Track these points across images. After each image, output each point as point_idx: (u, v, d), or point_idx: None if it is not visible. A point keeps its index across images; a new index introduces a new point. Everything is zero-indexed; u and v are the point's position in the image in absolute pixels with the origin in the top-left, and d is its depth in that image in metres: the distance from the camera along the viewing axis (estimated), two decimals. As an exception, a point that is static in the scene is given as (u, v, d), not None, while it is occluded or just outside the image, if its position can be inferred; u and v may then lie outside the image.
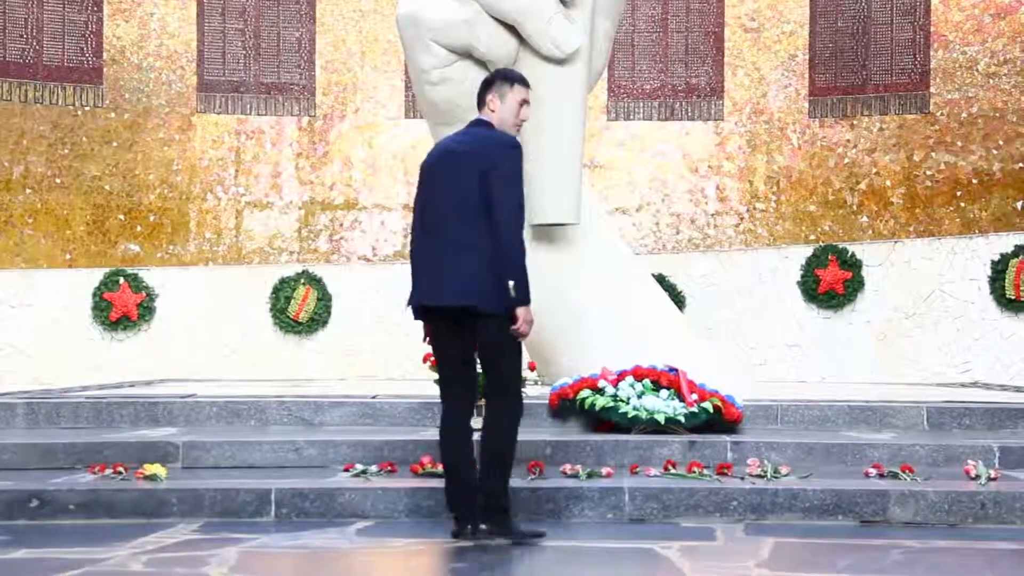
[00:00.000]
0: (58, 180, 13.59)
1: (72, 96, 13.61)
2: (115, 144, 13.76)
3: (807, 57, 13.96)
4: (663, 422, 7.06)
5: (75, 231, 13.60)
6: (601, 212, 8.93)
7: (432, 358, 5.86)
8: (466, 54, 7.83)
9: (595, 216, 8.48)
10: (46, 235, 13.50)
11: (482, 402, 5.44)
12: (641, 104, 14.16)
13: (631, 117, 14.16)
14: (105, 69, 13.71)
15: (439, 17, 7.76)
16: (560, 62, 8.03)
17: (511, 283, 5.23)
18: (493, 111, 5.52)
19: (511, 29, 7.99)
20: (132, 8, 13.84)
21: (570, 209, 7.93)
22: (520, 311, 5.25)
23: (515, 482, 5.71)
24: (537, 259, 7.08)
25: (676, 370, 7.39)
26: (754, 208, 14.00)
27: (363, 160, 14.11)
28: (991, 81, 13.44)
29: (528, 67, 8.07)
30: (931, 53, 13.62)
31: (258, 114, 14.01)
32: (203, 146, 13.96)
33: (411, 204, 10.17)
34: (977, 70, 13.49)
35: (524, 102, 5.50)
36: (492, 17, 7.89)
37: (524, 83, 5.53)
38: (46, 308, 12.52)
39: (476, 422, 5.44)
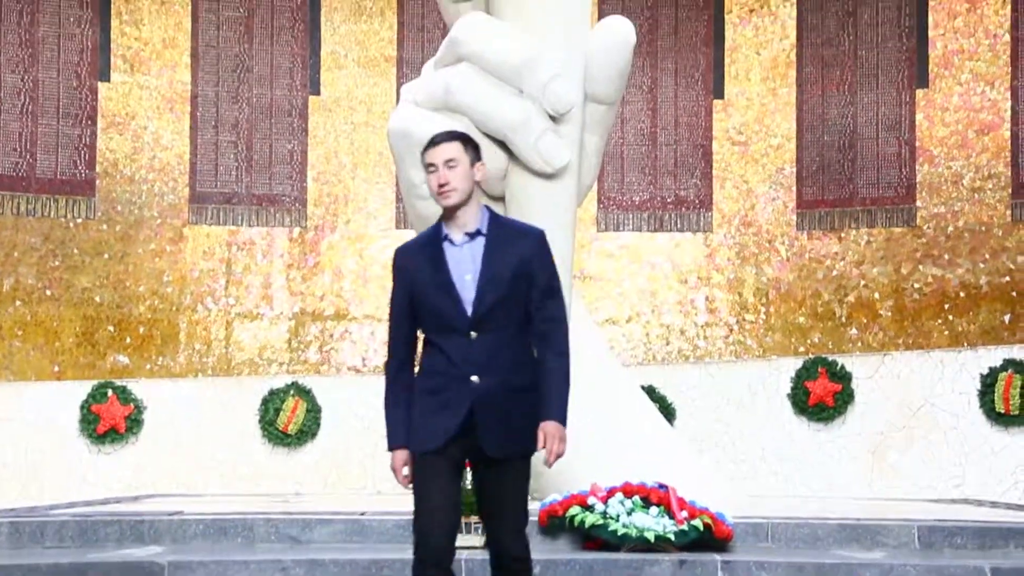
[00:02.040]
0: (48, 292, 13.60)
1: (64, 208, 13.68)
2: (106, 256, 13.79)
3: (795, 170, 14.08)
4: (653, 540, 7.01)
5: (64, 343, 13.58)
6: (590, 324, 8.94)
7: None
8: (456, 169, 7.88)
9: (584, 328, 8.49)
10: (35, 347, 13.48)
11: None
12: (630, 215, 14.25)
13: (620, 228, 14.23)
14: (98, 181, 13.80)
15: (430, 131, 7.83)
16: (549, 177, 8.09)
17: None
18: None
19: (501, 144, 8.06)
20: (126, 121, 13.96)
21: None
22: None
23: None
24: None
25: (666, 487, 7.35)
26: (743, 320, 14.03)
27: (353, 271, 14.16)
28: (976, 195, 13.56)
29: (518, 182, 8.14)
30: (917, 167, 13.75)
31: (249, 225, 14.07)
32: (194, 257, 14.00)
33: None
34: (962, 184, 13.61)
35: (429, 168, 4.41)
36: (482, 132, 7.96)
37: (430, 143, 4.43)
38: (33, 421, 12.45)
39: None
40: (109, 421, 12.43)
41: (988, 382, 11.76)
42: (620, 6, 13.96)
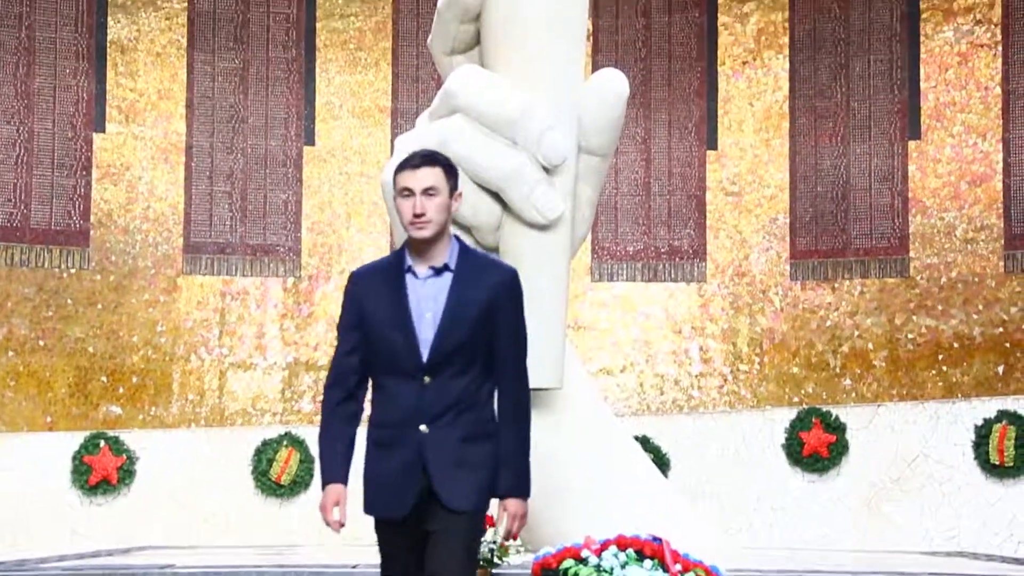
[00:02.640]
0: (41, 342, 13.57)
1: (58, 259, 13.67)
2: (100, 306, 13.78)
3: (788, 221, 14.11)
4: (647, 593, 6.97)
5: (56, 393, 13.54)
6: (584, 374, 8.92)
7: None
8: (451, 219, 7.88)
9: (578, 379, 8.47)
10: (27, 398, 13.43)
11: None
12: (624, 266, 14.26)
13: (615, 278, 14.25)
14: (92, 232, 13.80)
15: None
16: (543, 228, 8.10)
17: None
18: None
19: (495, 195, 8.07)
20: (120, 172, 13.98)
21: (553, 374, 7.93)
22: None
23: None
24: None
25: (660, 539, 7.32)
26: (737, 370, 14.02)
27: (347, 321, 14.14)
28: (969, 247, 13.59)
29: (512, 233, 8.14)
30: (910, 218, 13.79)
31: (243, 275, 14.07)
32: (188, 307, 13.98)
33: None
34: (955, 236, 13.65)
35: (403, 192, 3.89)
36: (476, 184, 7.98)
37: (407, 163, 3.92)
38: (25, 472, 12.39)
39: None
40: (101, 472, 12.37)
41: (982, 433, 11.74)
42: (614, 58, 14.04)
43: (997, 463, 11.65)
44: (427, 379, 3.85)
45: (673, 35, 14.39)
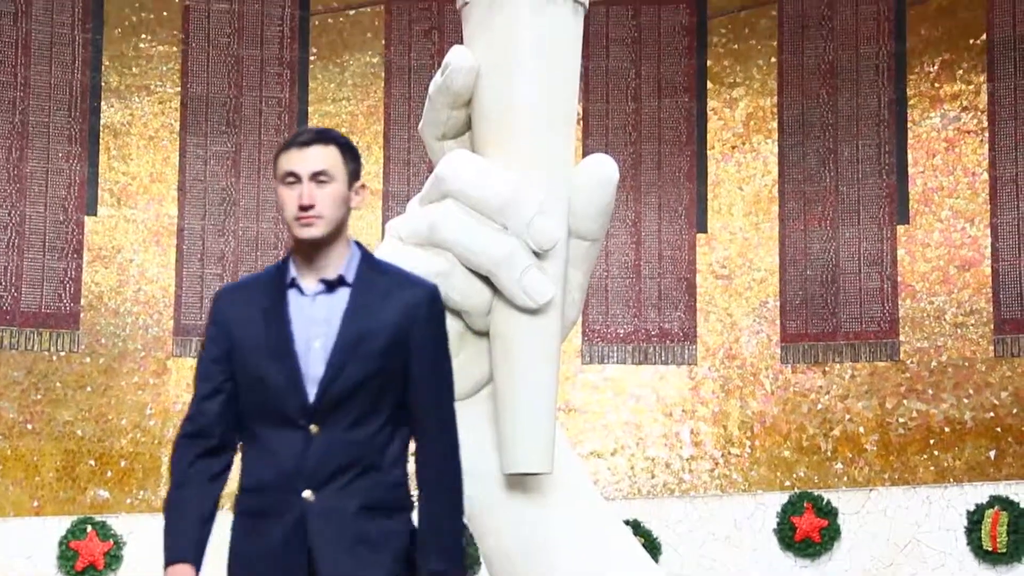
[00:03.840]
0: (29, 426, 13.50)
1: (48, 341, 13.64)
2: (89, 389, 13.73)
3: (778, 304, 14.14)
4: None
5: (44, 477, 13.45)
6: (574, 458, 8.88)
7: None
8: (441, 304, 7.87)
9: (567, 462, 8.43)
10: (14, 482, 13.34)
11: None
12: (615, 348, 14.26)
13: (605, 361, 14.23)
14: (82, 314, 13.79)
15: (415, 268, 7.83)
16: (534, 312, 8.09)
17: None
18: None
19: (485, 279, 8.08)
20: (112, 255, 13.99)
21: (544, 458, 7.88)
22: None
23: None
24: (508, 508, 7.00)
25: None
26: (729, 453, 13.97)
27: (338, 404, 14.11)
28: (959, 331, 13.62)
29: (502, 317, 8.14)
30: (899, 302, 13.82)
31: (233, 358, 14.03)
32: (177, 390, 13.93)
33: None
34: (945, 320, 13.67)
35: (287, 178, 3.02)
36: (466, 268, 7.98)
37: (292, 142, 3.07)
38: (11, 558, 12.28)
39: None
40: (88, 557, 12.26)
41: (975, 519, 11.69)
42: (604, 141, 14.13)
43: (990, 549, 11.59)
44: (314, 428, 2.94)
45: (663, 119, 14.50)
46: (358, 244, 3.17)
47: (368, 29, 14.58)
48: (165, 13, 14.30)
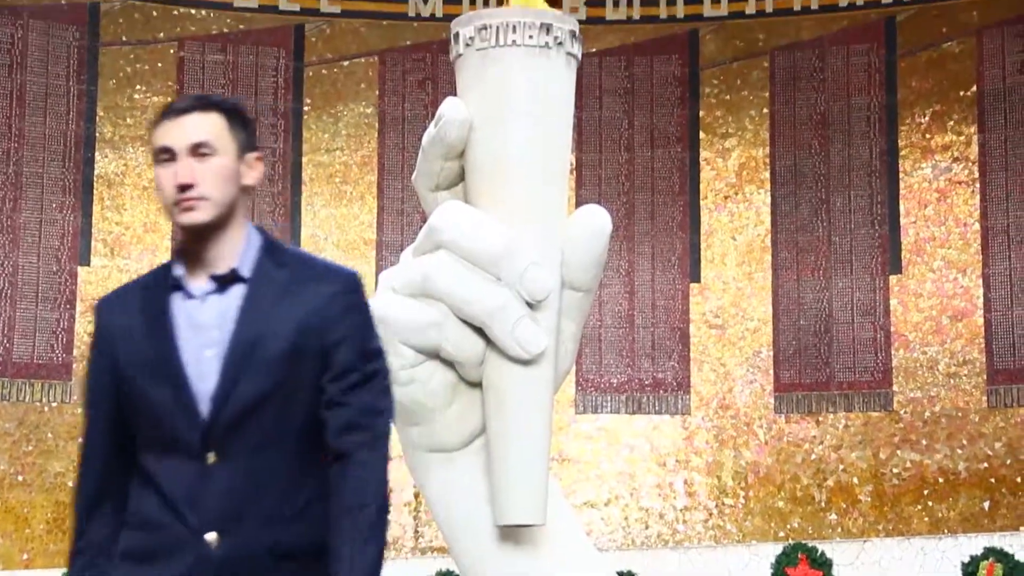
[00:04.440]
0: (20, 478, 13.44)
1: (40, 392, 13.60)
2: (80, 440, 13.66)
3: (771, 354, 14.14)
4: None
5: (35, 530, 13.36)
6: (567, 508, 8.85)
7: None
8: (434, 354, 7.87)
9: (561, 514, 8.39)
10: (4, 535, 13.26)
11: None
12: (608, 398, 14.24)
13: (599, 411, 14.21)
14: (74, 365, 13.75)
15: (408, 318, 7.80)
16: (527, 363, 8.08)
17: None
18: None
19: (478, 330, 8.07)
20: (104, 304, 13.97)
21: (537, 510, 7.85)
22: None
23: None
24: (500, 559, 6.96)
25: None
26: (723, 504, 13.93)
27: (330, 454, 14.05)
28: (952, 381, 13.62)
29: (495, 368, 8.12)
30: (892, 352, 13.83)
31: (226, 408, 14.00)
32: (169, 441, 13.88)
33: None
34: (938, 370, 13.67)
35: (161, 155, 2.50)
36: (459, 318, 7.98)
37: (167, 112, 2.53)
38: (0, 610, 12.21)
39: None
40: (78, 609, 12.17)
41: (969, 571, 11.64)
42: (597, 191, 14.16)
43: (986, 600, 11.55)
44: (212, 458, 2.43)
45: (656, 169, 14.55)
46: (260, 230, 2.61)
47: (362, 80, 14.64)
48: (160, 64, 14.36)
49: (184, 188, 2.44)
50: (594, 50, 14.12)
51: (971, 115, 13.91)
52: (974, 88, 13.92)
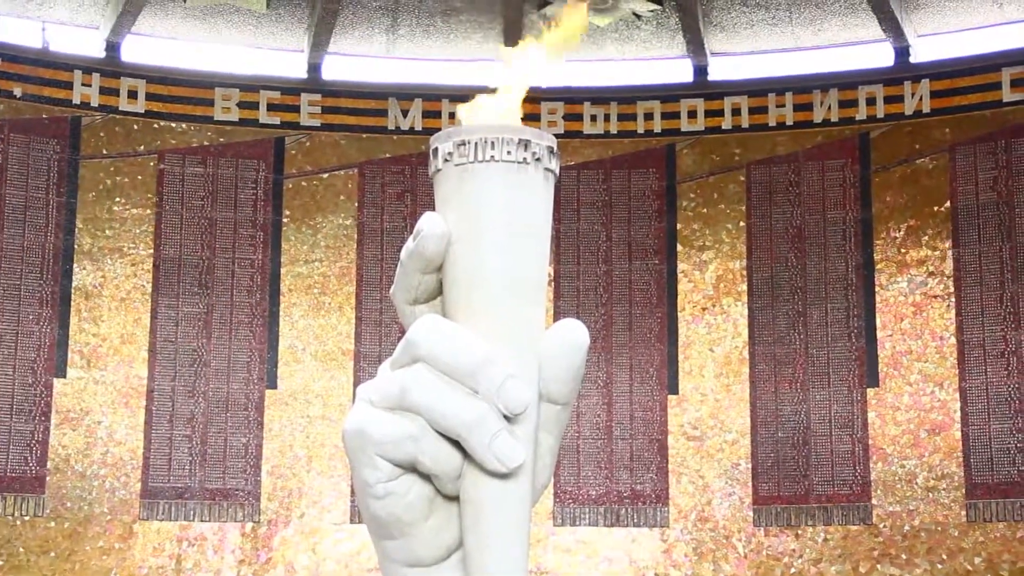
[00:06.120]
0: (-10, 592, 13.25)
1: (12, 506, 13.45)
2: (53, 554, 13.50)
3: (750, 466, 14.10)
4: None
5: (4, 645, 13.15)
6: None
7: None
8: (411, 468, 7.85)
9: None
10: (-27, 650, 13.04)
11: None
12: (587, 510, 14.16)
13: (577, 523, 14.12)
14: (48, 477, 13.62)
15: (385, 432, 7.78)
16: (504, 477, 8.05)
17: None
18: None
19: (456, 443, 8.06)
20: (80, 417, 13.88)
21: (517, 569, 7.77)
22: None
23: None
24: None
25: None
26: (702, 619, 13.80)
27: (306, 567, 13.90)
28: (931, 495, 13.58)
29: (472, 482, 8.09)
30: (871, 465, 13.80)
31: (201, 520, 13.86)
32: (143, 554, 13.72)
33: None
34: (916, 483, 13.65)
35: None
36: (437, 432, 7.97)
37: None
38: None
39: None
40: None
41: None
42: (575, 303, 14.21)
43: None
44: None
45: (633, 281, 14.61)
46: None
47: (341, 192, 14.73)
48: (140, 177, 14.43)
49: None
50: (572, 163, 14.26)
51: (945, 230, 14.04)
52: (948, 204, 14.07)
